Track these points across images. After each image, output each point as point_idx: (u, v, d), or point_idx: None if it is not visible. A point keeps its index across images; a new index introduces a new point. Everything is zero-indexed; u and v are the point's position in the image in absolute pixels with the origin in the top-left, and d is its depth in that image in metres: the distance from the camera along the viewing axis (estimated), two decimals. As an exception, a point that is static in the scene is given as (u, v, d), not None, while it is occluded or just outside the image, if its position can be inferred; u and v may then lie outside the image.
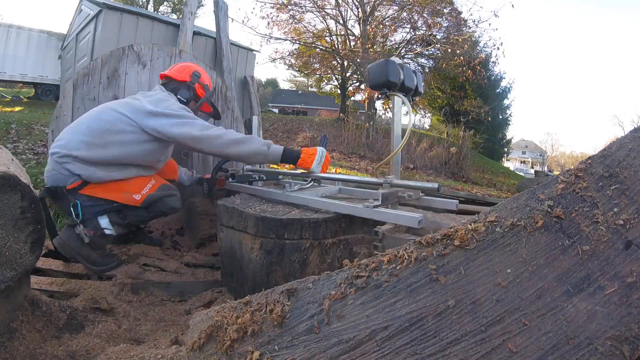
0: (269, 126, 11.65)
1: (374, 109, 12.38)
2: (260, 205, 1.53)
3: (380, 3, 12.08)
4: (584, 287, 0.62)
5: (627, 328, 0.57)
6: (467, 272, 0.67)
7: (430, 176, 8.13)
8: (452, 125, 10.99)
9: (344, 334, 0.64)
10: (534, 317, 0.61)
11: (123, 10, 6.60)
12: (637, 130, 0.79)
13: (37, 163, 3.69)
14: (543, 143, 55.92)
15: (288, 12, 12.46)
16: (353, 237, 1.36)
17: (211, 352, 0.73)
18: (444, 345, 0.60)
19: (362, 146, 10.08)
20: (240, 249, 1.43)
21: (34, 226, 1.11)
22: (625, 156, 0.75)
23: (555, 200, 0.73)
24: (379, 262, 0.72)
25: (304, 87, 28.99)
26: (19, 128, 5.36)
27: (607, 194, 0.71)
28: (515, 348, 0.58)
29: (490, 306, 0.63)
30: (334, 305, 0.68)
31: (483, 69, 12.09)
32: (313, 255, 1.32)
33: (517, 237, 0.70)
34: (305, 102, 28.18)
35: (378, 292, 0.68)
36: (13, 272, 1.06)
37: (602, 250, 0.65)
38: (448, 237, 0.72)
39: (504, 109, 20.38)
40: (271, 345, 0.67)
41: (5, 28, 11.69)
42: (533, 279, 0.64)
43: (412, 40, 12.74)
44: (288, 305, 0.71)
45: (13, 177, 1.06)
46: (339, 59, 13.89)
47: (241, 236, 1.43)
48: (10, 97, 13.29)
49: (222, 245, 1.58)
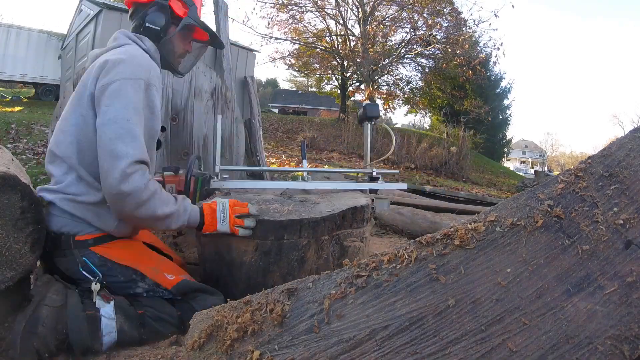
0: (269, 126, 11.65)
1: (374, 109, 12.36)
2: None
3: (380, 3, 12.09)
4: (584, 286, 0.62)
5: (627, 327, 0.57)
6: (467, 272, 0.67)
7: (431, 176, 8.13)
8: (452, 125, 10.99)
9: (344, 333, 0.64)
10: (534, 316, 0.61)
11: (123, 10, 6.59)
12: (637, 130, 0.80)
13: (37, 163, 3.70)
14: (543, 143, 55.95)
15: (288, 12, 12.48)
16: (343, 232, 1.42)
17: (211, 351, 0.74)
18: (444, 345, 0.60)
19: (362, 146, 10.08)
20: (230, 253, 1.36)
21: (34, 226, 1.11)
22: (625, 156, 0.75)
23: (555, 200, 0.73)
24: (379, 261, 0.72)
25: (304, 87, 29.01)
26: (19, 128, 5.37)
27: (607, 194, 0.72)
28: (515, 347, 0.58)
29: (490, 305, 0.63)
30: (334, 305, 0.68)
31: (483, 69, 12.11)
32: (310, 252, 1.34)
33: (517, 237, 0.70)
34: (305, 102, 28.18)
35: (378, 291, 0.68)
36: (13, 272, 1.06)
37: (602, 249, 0.65)
38: (448, 237, 0.72)
39: (504, 109, 20.39)
40: (271, 344, 0.67)
41: (5, 28, 11.70)
42: (533, 279, 0.64)
43: (412, 40, 12.75)
44: (288, 304, 0.71)
45: (13, 177, 1.06)
46: (339, 59, 13.90)
47: (230, 240, 1.34)
48: (10, 97, 13.30)
49: (204, 251, 1.45)
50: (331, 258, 1.38)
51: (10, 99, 12.61)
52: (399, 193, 4.08)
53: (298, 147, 9.05)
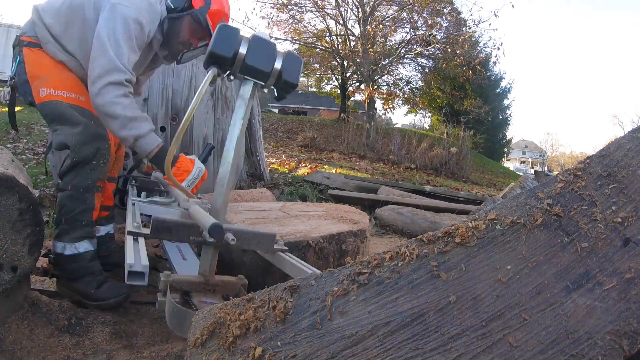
0: (269, 126, 11.66)
1: (374, 109, 12.39)
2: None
3: (380, 3, 12.09)
4: (583, 283, 0.63)
5: (626, 323, 0.58)
6: (468, 269, 0.68)
7: (431, 176, 8.14)
8: (452, 125, 11.00)
9: (347, 329, 0.65)
10: (534, 312, 0.61)
11: (123, 10, 6.59)
12: (635, 131, 0.81)
13: (37, 163, 3.70)
14: (543, 143, 55.98)
15: (288, 12, 12.48)
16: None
17: (213, 348, 0.74)
18: (446, 340, 0.60)
19: (362, 146, 10.09)
20: (230, 253, 1.38)
21: (33, 228, 1.10)
22: (623, 156, 0.77)
23: (555, 199, 0.74)
24: (381, 259, 0.73)
25: (304, 87, 29.00)
26: (19, 128, 5.37)
27: (605, 193, 0.73)
28: (516, 342, 0.59)
29: (491, 302, 0.63)
30: (337, 302, 0.69)
31: (483, 69, 12.11)
32: (310, 253, 1.34)
33: (517, 235, 0.71)
34: (305, 102, 28.17)
35: (380, 288, 0.69)
36: (11, 274, 1.06)
37: (601, 247, 0.66)
38: (449, 235, 0.73)
39: (504, 109, 20.41)
40: (274, 341, 0.68)
41: (5, 28, 11.69)
42: (533, 275, 0.65)
43: (412, 40, 12.75)
44: (291, 301, 0.72)
45: (11, 178, 1.05)
46: (339, 59, 13.90)
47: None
48: (10, 97, 13.26)
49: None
50: (331, 258, 1.40)
51: (10, 99, 12.58)
52: (399, 193, 4.09)
53: (298, 147, 9.05)
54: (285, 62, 1.01)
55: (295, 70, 1.03)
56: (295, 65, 1.04)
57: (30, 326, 1.18)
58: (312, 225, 1.55)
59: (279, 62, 1.01)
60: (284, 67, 1.01)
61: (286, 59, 1.02)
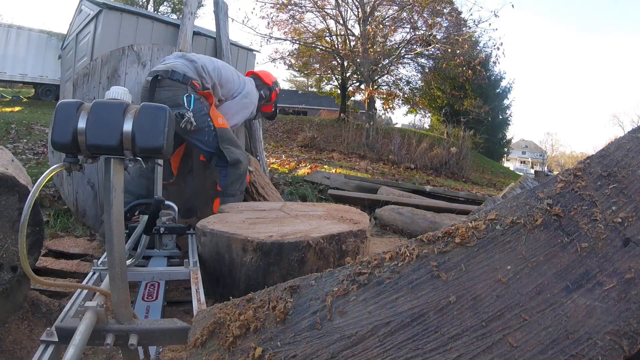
0: (269, 126, 11.65)
1: (374, 109, 12.38)
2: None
3: (380, 3, 12.08)
4: (583, 283, 0.63)
5: (626, 323, 0.58)
6: (468, 269, 0.68)
7: (431, 176, 8.13)
8: (452, 125, 10.99)
9: (347, 329, 0.65)
10: (534, 312, 0.61)
11: (123, 10, 6.59)
12: (635, 131, 0.81)
13: (37, 163, 3.69)
14: (543, 143, 55.92)
15: (288, 12, 12.46)
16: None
17: (213, 348, 0.74)
18: (446, 340, 0.61)
19: (362, 146, 10.09)
20: (230, 252, 1.39)
21: (32, 228, 1.11)
22: (623, 156, 0.76)
23: (555, 199, 0.74)
24: (381, 259, 0.73)
25: (304, 87, 28.96)
26: (19, 128, 5.36)
27: (605, 193, 0.72)
28: (516, 343, 0.59)
29: (491, 302, 0.63)
30: (337, 302, 0.69)
31: (483, 69, 12.09)
32: (310, 253, 1.34)
33: (517, 235, 0.70)
34: (305, 102, 28.16)
35: (380, 288, 0.69)
36: (10, 274, 1.06)
37: (601, 247, 0.66)
38: (449, 235, 0.73)
39: (504, 109, 20.38)
40: (274, 341, 0.68)
41: (5, 28, 11.69)
42: (533, 275, 0.65)
43: (412, 40, 12.73)
44: (291, 302, 0.72)
45: (11, 179, 1.05)
46: (339, 59, 13.89)
47: (231, 239, 1.38)
48: (10, 97, 13.28)
49: (205, 250, 1.47)
50: (331, 259, 1.40)
51: (10, 99, 12.60)
52: (398, 193, 4.09)
53: (298, 147, 9.05)
54: (138, 122, 0.76)
55: (155, 128, 0.76)
56: (156, 122, 0.76)
57: (30, 326, 1.18)
58: (312, 225, 1.55)
59: (129, 124, 0.75)
60: (136, 129, 0.75)
61: (140, 117, 0.76)
